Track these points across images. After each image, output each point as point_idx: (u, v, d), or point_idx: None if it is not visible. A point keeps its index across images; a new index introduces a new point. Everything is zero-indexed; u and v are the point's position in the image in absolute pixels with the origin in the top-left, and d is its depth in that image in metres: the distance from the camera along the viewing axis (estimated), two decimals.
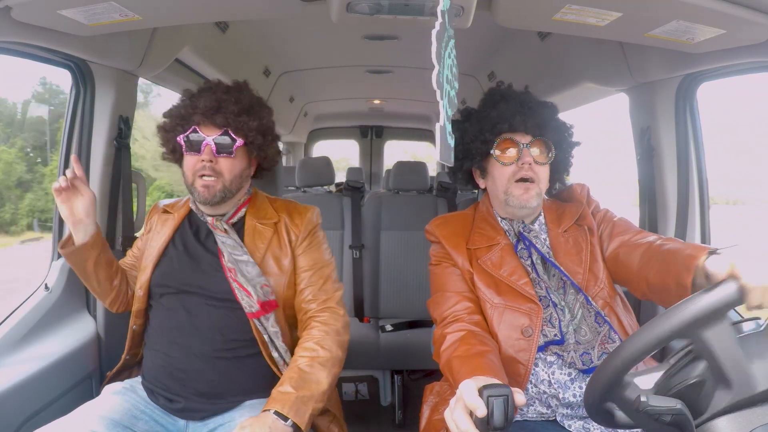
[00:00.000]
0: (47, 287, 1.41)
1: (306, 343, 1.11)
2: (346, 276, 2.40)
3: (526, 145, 1.09)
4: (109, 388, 1.14)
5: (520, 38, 2.19)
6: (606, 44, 1.57)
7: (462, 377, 0.87)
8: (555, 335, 1.03)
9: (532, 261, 1.10)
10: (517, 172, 1.09)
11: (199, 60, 2.05)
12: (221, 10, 1.23)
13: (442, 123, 0.64)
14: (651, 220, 1.64)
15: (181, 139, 1.13)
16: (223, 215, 1.19)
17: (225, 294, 1.11)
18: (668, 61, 1.38)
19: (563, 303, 1.05)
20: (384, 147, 5.43)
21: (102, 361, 1.41)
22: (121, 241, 1.58)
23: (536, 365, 1.04)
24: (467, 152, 1.15)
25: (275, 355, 1.13)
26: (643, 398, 0.63)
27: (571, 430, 1.02)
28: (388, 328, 2.22)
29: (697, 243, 1.54)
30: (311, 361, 1.07)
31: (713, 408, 0.62)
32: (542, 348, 1.04)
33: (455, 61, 0.69)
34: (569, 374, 1.02)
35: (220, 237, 1.16)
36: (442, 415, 1.11)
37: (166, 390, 1.11)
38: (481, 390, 0.75)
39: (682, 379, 0.66)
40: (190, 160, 1.14)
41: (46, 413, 1.15)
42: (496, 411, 0.72)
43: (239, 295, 1.10)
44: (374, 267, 2.40)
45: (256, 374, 1.13)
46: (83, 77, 1.43)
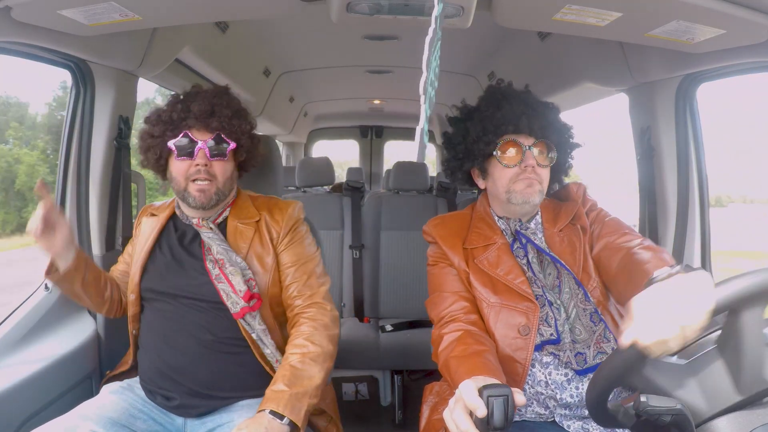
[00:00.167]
0: (47, 287, 1.41)
1: (296, 339, 1.11)
2: (346, 276, 2.39)
3: (529, 147, 1.09)
4: (107, 388, 1.14)
5: (520, 38, 2.19)
6: (606, 44, 1.57)
7: (460, 377, 0.87)
8: (551, 334, 1.03)
9: (528, 260, 1.10)
10: (519, 173, 1.09)
11: (199, 60, 2.05)
12: (221, 10, 1.23)
13: (422, 126, 0.66)
14: (651, 220, 1.64)
15: (172, 144, 1.12)
16: (209, 217, 1.19)
17: (211, 296, 1.11)
18: (668, 61, 1.38)
19: (559, 302, 1.05)
20: (384, 147, 5.43)
21: (102, 361, 1.41)
22: (121, 241, 1.58)
23: (533, 366, 1.04)
24: (469, 153, 1.14)
25: (267, 352, 1.13)
26: (643, 398, 0.63)
27: (569, 430, 1.02)
28: (388, 328, 2.22)
29: (673, 249, 1.56)
30: (302, 357, 1.07)
31: (713, 408, 0.62)
32: (539, 347, 1.03)
33: (439, 62, 0.70)
34: (566, 375, 1.02)
35: (206, 233, 1.16)
36: (442, 415, 1.11)
37: (162, 388, 1.11)
38: (481, 390, 0.75)
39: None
40: (182, 165, 1.13)
41: (46, 413, 1.15)
42: (496, 411, 0.72)
43: (224, 296, 1.10)
44: (374, 267, 2.40)
45: (248, 371, 1.13)
46: (83, 77, 1.44)
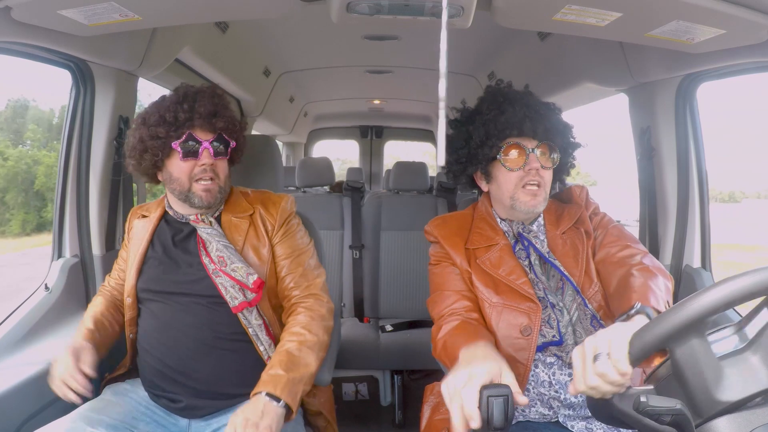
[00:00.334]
0: (47, 287, 1.41)
1: (293, 327, 1.12)
2: (346, 276, 2.40)
3: (532, 149, 1.09)
4: (110, 389, 1.14)
5: (520, 38, 2.18)
6: (606, 44, 1.57)
7: (458, 346, 0.88)
8: (553, 336, 1.03)
9: (530, 262, 1.10)
10: (523, 177, 1.09)
11: (199, 60, 2.05)
12: (221, 10, 1.23)
13: (444, 130, 0.66)
14: (651, 220, 1.64)
15: (177, 145, 1.11)
16: (208, 212, 1.19)
17: (209, 291, 1.11)
18: (668, 61, 1.38)
19: (561, 304, 1.05)
20: (384, 147, 5.43)
21: (102, 362, 1.40)
22: (121, 241, 1.58)
23: (536, 366, 1.04)
24: (473, 157, 1.14)
25: (260, 349, 1.13)
26: (643, 398, 0.62)
27: (573, 430, 1.02)
28: (388, 328, 2.22)
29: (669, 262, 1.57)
30: (300, 345, 1.08)
31: (713, 408, 0.62)
32: (541, 349, 1.03)
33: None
34: (569, 375, 1.02)
35: (205, 229, 1.16)
36: (443, 415, 1.11)
37: (166, 391, 1.11)
38: (481, 390, 0.75)
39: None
40: (186, 165, 1.12)
41: (46, 413, 1.15)
42: (496, 411, 0.72)
43: (223, 291, 1.10)
44: (374, 267, 2.40)
45: (250, 366, 1.12)
46: (83, 77, 1.44)
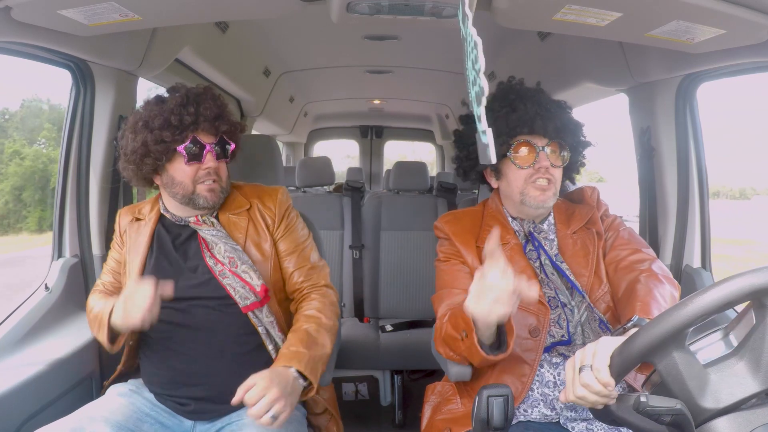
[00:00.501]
0: (47, 287, 1.41)
1: (308, 311, 1.13)
2: (346, 276, 2.39)
3: (543, 147, 1.09)
4: (114, 389, 1.12)
5: (520, 38, 2.18)
6: (606, 44, 1.57)
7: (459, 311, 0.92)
8: (562, 336, 1.03)
9: (540, 263, 1.10)
10: (533, 174, 1.09)
11: (199, 60, 2.05)
12: (221, 10, 1.23)
13: (483, 128, 0.66)
14: (651, 220, 1.64)
15: (182, 149, 1.09)
16: (208, 213, 1.18)
17: (218, 292, 1.11)
18: (668, 61, 1.38)
19: (572, 303, 1.05)
20: (384, 147, 5.43)
21: (102, 361, 1.41)
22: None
23: (542, 366, 1.04)
24: None
25: (270, 347, 1.12)
26: (643, 398, 0.62)
27: (574, 431, 1.02)
28: (388, 328, 2.22)
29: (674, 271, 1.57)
30: (317, 326, 1.10)
31: (701, 415, 0.62)
32: (548, 349, 1.04)
33: (476, 62, 0.70)
34: None
35: (209, 231, 1.15)
36: (444, 415, 1.11)
37: (174, 395, 1.10)
38: (481, 390, 0.75)
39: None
40: (189, 169, 1.11)
41: (46, 413, 1.15)
42: (496, 411, 0.72)
43: (231, 291, 1.10)
44: (374, 267, 2.40)
45: (263, 367, 1.10)
46: (83, 77, 1.43)
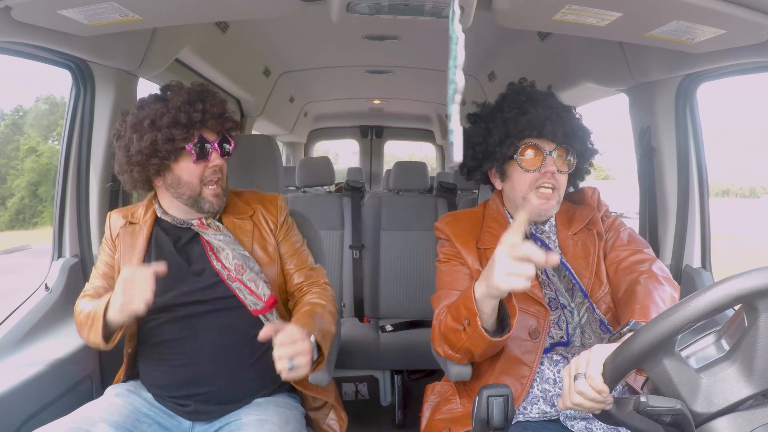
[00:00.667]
0: (47, 287, 1.41)
1: (310, 298, 1.16)
2: (346, 276, 2.40)
3: (550, 152, 1.08)
4: (112, 390, 1.12)
5: (520, 38, 2.18)
6: (606, 44, 1.57)
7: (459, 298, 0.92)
8: (561, 337, 1.03)
9: None
10: (539, 178, 1.08)
11: (199, 60, 2.05)
12: (221, 10, 1.23)
13: (452, 127, 0.67)
14: (651, 220, 1.64)
15: (191, 147, 1.07)
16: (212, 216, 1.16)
17: (224, 294, 1.10)
18: (668, 61, 1.38)
19: (572, 305, 1.05)
20: (384, 147, 5.43)
21: (102, 361, 1.41)
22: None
23: (542, 363, 1.04)
24: (489, 154, 1.12)
25: None
26: (643, 399, 0.62)
27: (573, 430, 1.02)
28: (389, 328, 2.22)
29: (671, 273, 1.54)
30: (322, 310, 1.12)
31: (713, 408, 0.62)
32: (548, 350, 1.04)
33: (457, 61, 0.70)
34: None
35: (216, 236, 1.13)
36: (444, 415, 1.11)
37: (174, 398, 1.10)
38: (481, 390, 0.75)
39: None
40: (196, 168, 1.08)
41: (46, 413, 1.15)
42: (496, 411, 0.72)
43: (241, 295, 1.09)
44: (374, 267, 2.40)
45: (264, 372, 1.11)
46: (83, 77, 1.43)
